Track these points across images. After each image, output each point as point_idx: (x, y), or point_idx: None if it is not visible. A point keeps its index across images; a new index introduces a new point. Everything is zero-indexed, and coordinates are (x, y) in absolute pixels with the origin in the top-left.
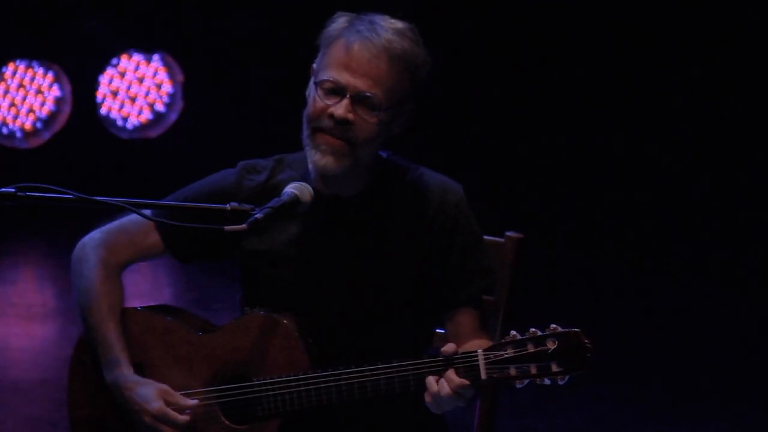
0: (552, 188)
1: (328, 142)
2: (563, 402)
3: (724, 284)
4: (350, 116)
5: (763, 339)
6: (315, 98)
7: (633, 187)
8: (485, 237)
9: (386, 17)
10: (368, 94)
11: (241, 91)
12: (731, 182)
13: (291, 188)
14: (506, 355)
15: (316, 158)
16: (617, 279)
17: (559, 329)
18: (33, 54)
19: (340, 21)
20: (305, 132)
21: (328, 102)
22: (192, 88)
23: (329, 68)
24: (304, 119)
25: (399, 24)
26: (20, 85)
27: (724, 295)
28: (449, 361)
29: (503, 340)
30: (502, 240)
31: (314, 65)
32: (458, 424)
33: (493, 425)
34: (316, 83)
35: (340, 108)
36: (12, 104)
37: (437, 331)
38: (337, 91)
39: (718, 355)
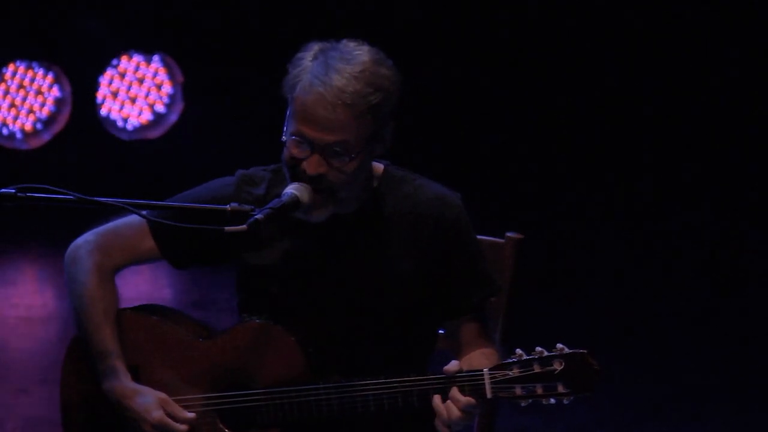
0: (552, 189)
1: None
2: (563, 402)
3: (724, 284)
4: (322, 170)
5: (764, 339)
6: (287, 146)
7: (633, 186)
8: (486, 238)
9: (343, 52)
10: (336, 148)
11: (241, 92)
12: (732, 182)
13: (291, 189)
14: (512, 375)
15: (300, 210)
16: (617, 279)
17: (566, 350)
18: (33, 55)
19: (300, 65)
20: (287, 175)
21: (299, 154)
22: (192, 89)
23: (294, 121)
24: (284, 167)
25: (356, 60)
26: (20, 86)
27: (725, 294)
28: (453, 379)
29: (509, 360)
30: (502, 241)
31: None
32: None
33: (492, 425)
34: (283, 138)
35: (311, 165)
36: (12, 105)
37: (442, 332)
38: (305, 144)
39: (719, 355)
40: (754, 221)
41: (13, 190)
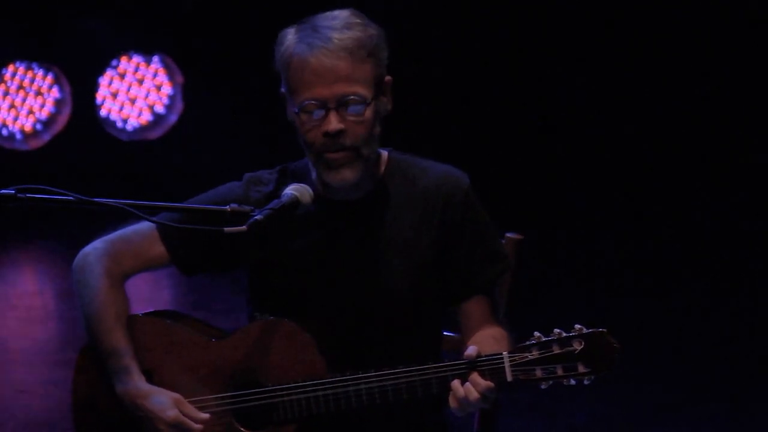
0: (552, 189)
1: (336, 158)
2: (564, 402)
3: (725, 283)
4: (342, 125)
5: (764, 338)
6: (303, 124)
7: (634, 186)
8: None
9: (325, 16)
10: (350, 96)
11: (241, 93)
12: (733, 182)
13: (291, 189)
14: (531, 357)
15: (331, 177)
16: (617, 279)
17: (585, 330)
18: (33, 55)
19: (286, 40)
20: (310, 158)
21: (316, 122)
22: (192, 90)
23: (300, 91)
24: (303, 147)
25: (340, 16)
26: (20, 87)
27: (725, 294)
28: (473, 364)
29: (527, 342)
30: (502, 241)
31: (282, 90)
32: (459, 423)
33: (493, 425)
34: (296, 111)
35: (331, 123)
36: (12, 106)
37: (446, 334)
38: (319, 107)
39: (719, 354)
40: (754, 221)
41: (13, 191)
